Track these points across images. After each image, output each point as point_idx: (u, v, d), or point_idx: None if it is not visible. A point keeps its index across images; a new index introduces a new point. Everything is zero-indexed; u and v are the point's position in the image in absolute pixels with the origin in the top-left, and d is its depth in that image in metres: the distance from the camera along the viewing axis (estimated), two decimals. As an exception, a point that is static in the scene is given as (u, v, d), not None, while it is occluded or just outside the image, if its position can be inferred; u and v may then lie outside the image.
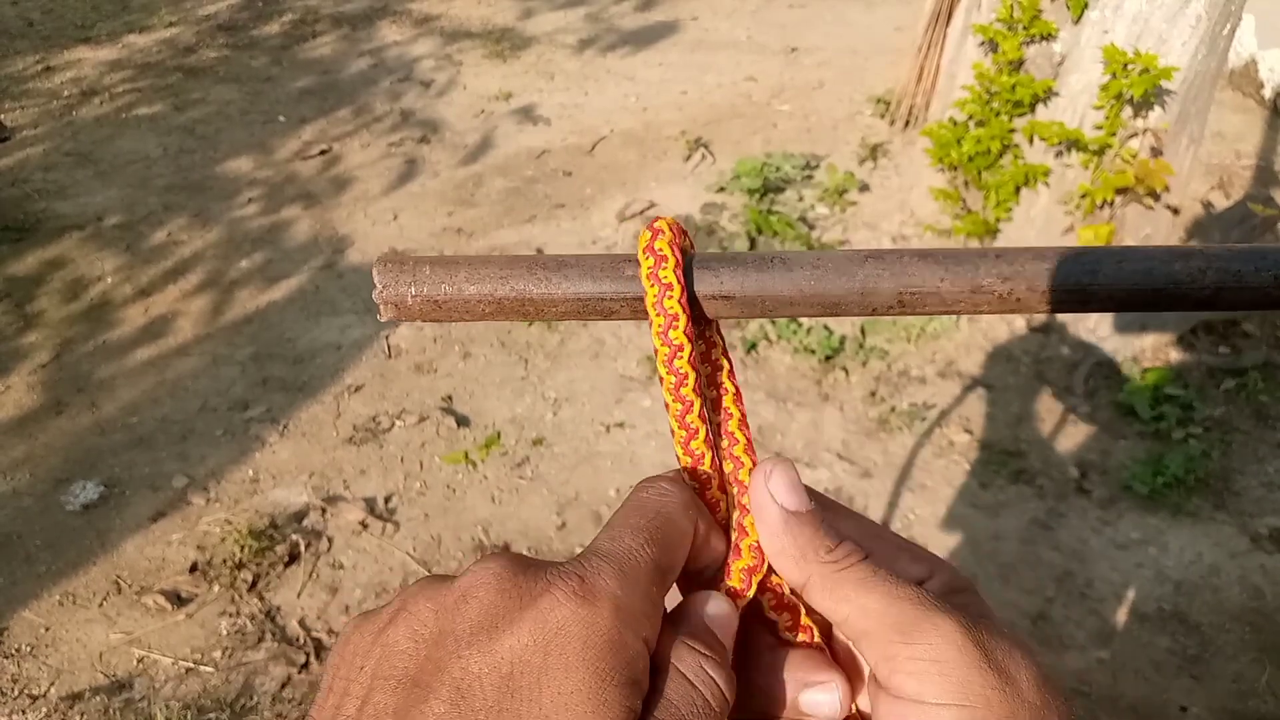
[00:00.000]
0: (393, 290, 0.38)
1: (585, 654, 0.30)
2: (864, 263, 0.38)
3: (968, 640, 0.32)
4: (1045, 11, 3.14)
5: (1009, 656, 0.33)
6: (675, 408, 0.39)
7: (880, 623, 0.34)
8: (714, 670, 0.34)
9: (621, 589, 0.32)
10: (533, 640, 0.30)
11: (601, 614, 0.31)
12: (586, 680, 0.30)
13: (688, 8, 6.04)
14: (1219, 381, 2.92)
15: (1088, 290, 0.38)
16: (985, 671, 0.32)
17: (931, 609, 0.33)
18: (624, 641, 0.31)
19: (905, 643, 0.33)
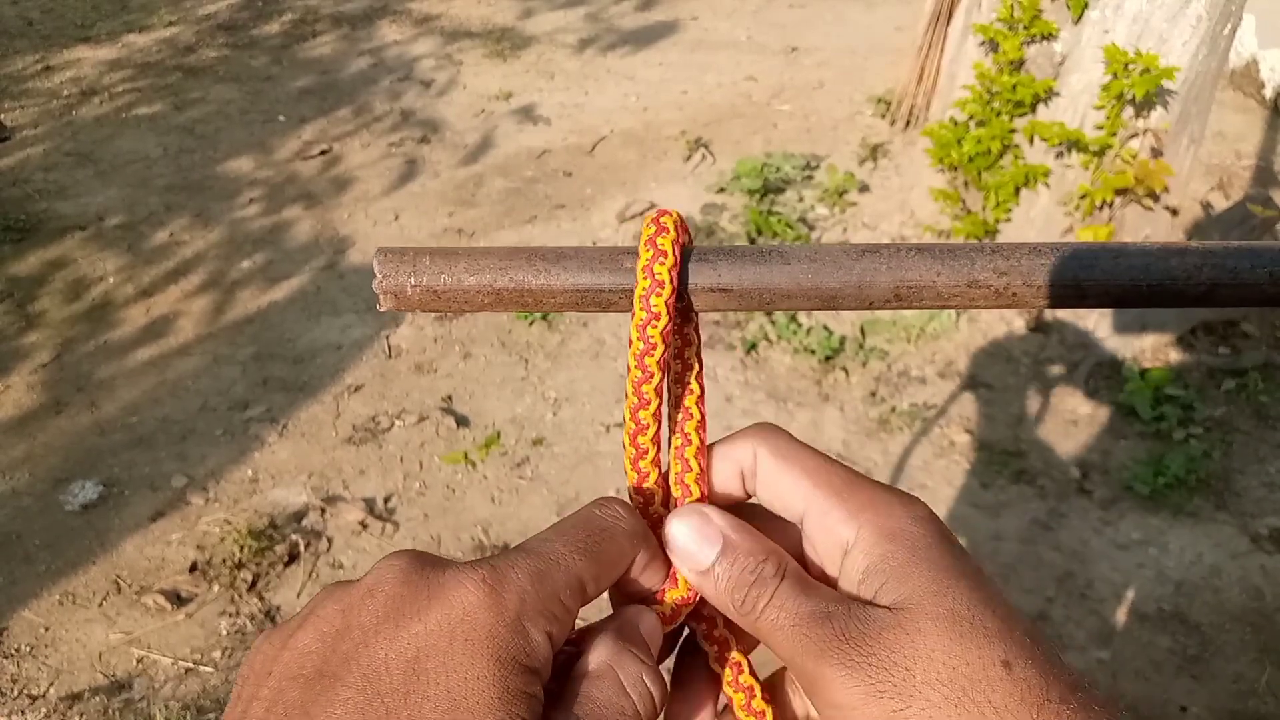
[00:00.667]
0: (392, 280, 0.38)
1: (490, 640, 0.31)
2: (861, 256, 0.38)
3: (853, 680, 0.33)
4: (1046, 11, 3.14)
5: (906, 662, 0.33)
6: (632, 400, 0.39)
7: (795, 672, 0.36)
8: (650, 678, 0.36)
9: (531, 585, 0.34)
10: (439, 627, 0.32)
11: (506, 602, 0.33)
12: (490, 665, 0.31)
13: (688, 8, 6.05)
14: (1219, 382, 2.92)
15: (1083, 285, 0.38)
16: (880, 699, 0.33)
17: (819, 656, 0.34)
18: (526, 631, 0.33)
19: (812, 693, 0.35)
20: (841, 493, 0.38)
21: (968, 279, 0.38)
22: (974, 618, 0.34)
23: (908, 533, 0.36)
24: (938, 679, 0.33)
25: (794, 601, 0.36)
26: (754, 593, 0.37)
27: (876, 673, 0.33)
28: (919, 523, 0.37)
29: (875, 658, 0.33)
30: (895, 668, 0.33)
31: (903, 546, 0.36)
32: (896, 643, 0.34)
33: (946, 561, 0.36)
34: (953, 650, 0.33)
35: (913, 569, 0.35)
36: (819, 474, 0.39)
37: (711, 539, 0.39)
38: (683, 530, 0.39)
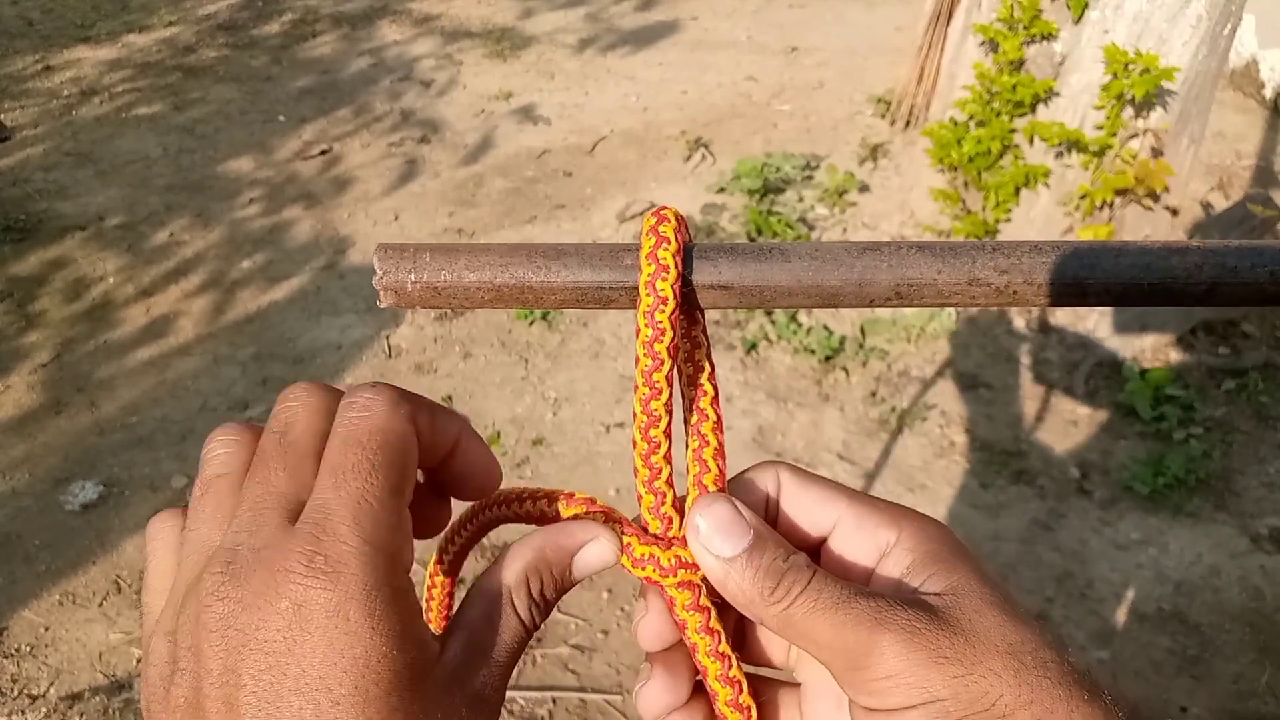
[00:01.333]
0: (393, 276, 0.38)
1: (337, 624, 0.31)
2: (861, 254, 0.38)
3: (914, 646, 0.34)
4: (1046, 11, 3.14)
5: (966, 633, 0.34)
6: (643, 390, 0.39)
7: (832, 653, 0.36)
8: (519, 602, 0.37)
9: (361, 539, 0.33)
10: (286, 627, 0.31)
11: (349, 583, 0.31)
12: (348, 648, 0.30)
13: (688, 8, 6.05)
14: (1219, 382, 2.92)
15: (1084, 284, 0.38)
16: (941, 664, 0.34)
17: (874, 627, 0.35)
18: (382, 582, 0.32)
19: (857, 668, 0.35)
20: (874, 504, 0.40)
21: (968, 277, 0.38)
22: (1017, 606, 0.36)
23: (941, 539, 0.38)
24: (998, 649, 0.34)
25: (833, 585, 0.36)
26: (788, 579, 0.37)
27: (937, 640, 0.34)
28: (947, 533, 0.39)
29: (933, 624, 0.34)
30: (954, 636, 0.34)
31: (942, 545, 0.38)
32: (951, 616, 0.35)
33: (974, 566, 0.38)
34: (1009, 625, 0.35)
35: (958, 563, 0.37)
36: (846, 491, 0.41)
37: (742, 528, 0.38)
38: (714, 515, 0.38)
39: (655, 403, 0.39)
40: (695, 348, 0.41)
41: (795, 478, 0.41)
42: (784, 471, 0.41)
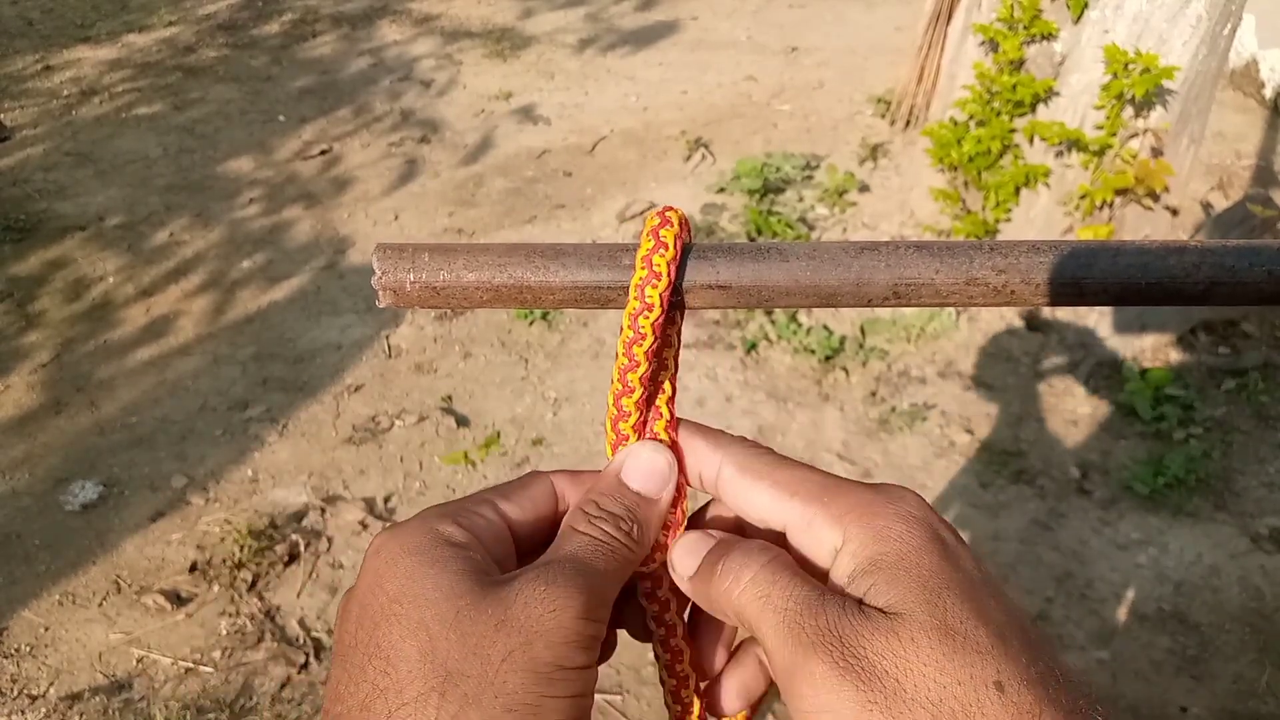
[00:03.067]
0: (392, 276, 0.38)
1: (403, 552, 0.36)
2: (859, 254, 0.38)
3: (842, 685, 0.32)
4: (1046, 11, 3.14)
5: (895, 677, 0.32)
6: (616, 386, 0.41)
7: (772, 658, 0.35)
8: (604, 523, 0.39)
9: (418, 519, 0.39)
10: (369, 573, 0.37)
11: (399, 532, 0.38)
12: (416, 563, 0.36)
13: (688, 8, 6.05)
14: (1219, 382, 2.92)
15: (1082, 284, 0.38)
16: (868, 711, 0.32)
17: (809, 652, 0.33)
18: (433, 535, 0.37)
19: (790, 686, 0.34)
20: (822, 498, 0.37)
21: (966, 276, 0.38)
22: (966, 632, 0.33)
23: (896, 533, 0.35)
24: (928, 698, 0.32)
25: (788, 580, 0.36)
26: (743, 568, 0.37)
27: (868, 680, 0.32)
28: (909, 521, 0.36)
29: (867, 662, 0.32)
30: (886, 678, 0.32)
31: (892, 548, 0.35)
32: (889, 649, 0.33)
33: (938, 565, 0.35)
34: (944, 666, 0.32)
35: (903, 573, 0.34)
36: (794, 484, 0.38)
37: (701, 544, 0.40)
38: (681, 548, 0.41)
39: (626, 400, 0.40)
40: (665, 346, 0.42)
41: (739, 472, 0.40)
42: (727, 463, 0.41)
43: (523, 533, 0.41)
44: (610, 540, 0.38)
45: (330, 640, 2.16)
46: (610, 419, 0.42)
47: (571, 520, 0.39)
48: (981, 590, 0.35)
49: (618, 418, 0.41)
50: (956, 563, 0.35)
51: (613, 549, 0.38)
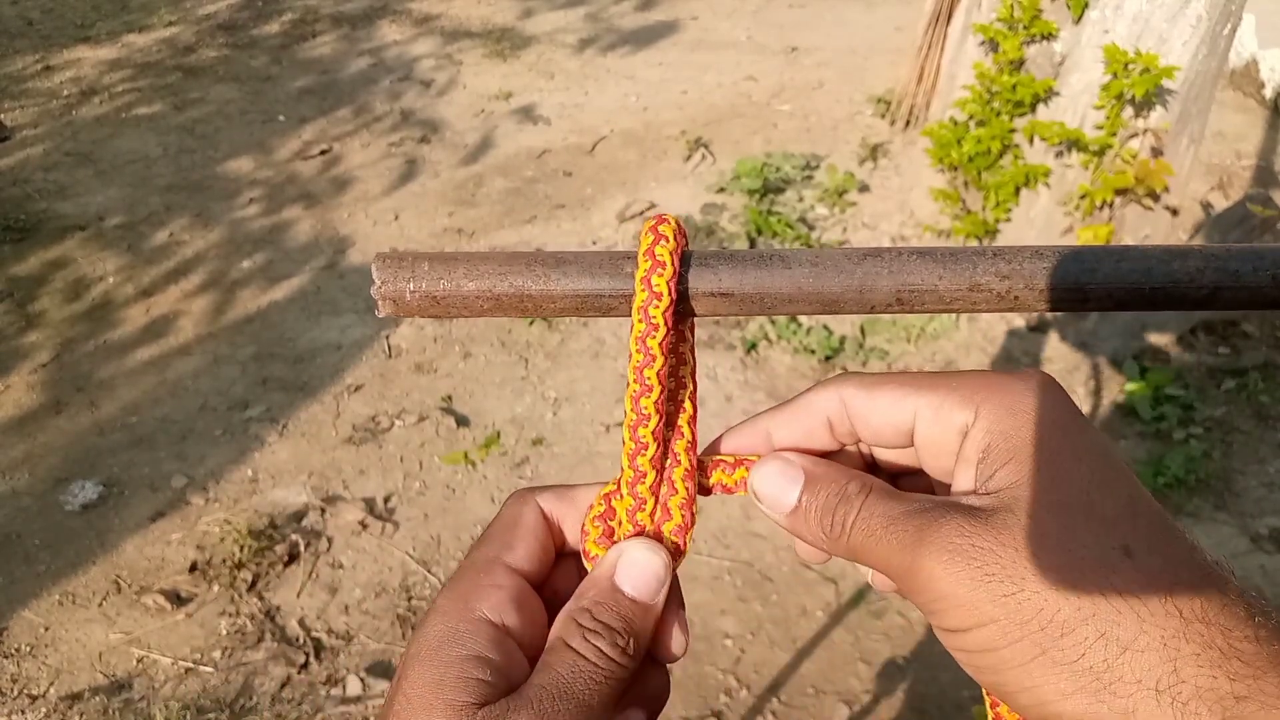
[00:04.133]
0: (391, 286, 0.38)
1: (416, 659, 0.36)
2: (862, 260, 0.38)
3: (956, 566, 0.32)
4: (1046, 11, 3.14)
5: (1015, 544, 0.32)
6: (631, 416, 0.39)
7: (894, 576, 0.35)
8: (598, 639, 0.36)
9: (443, 598, 0.38)
10: (396, 675, 0.37)
11: (423, 627, 0.37)
12: (421, 674, 0.35)
13: (688, 8, 6.04)
14: (1219, 382, 2.92)
15: (1086, 289, 0.38)
16: (988, 583, 0.32)
17: (916, 548, 0.33)
18: (447, 632, 0.36)
19: (914, 591, 0.34)
20: (951, 383, 0.37)
21: (969, 282, 0.38)
22: (1092, 503, 0.33)
23: (1028, 408, 0.35)
24: (1051, 560, 0.31)
25: (883, 506, 0.35)
26: (840, 512, 0.36)
27: (983, 555, 0.32)
28: (1040, 396, 0.36)
29: (981, 540, 0.32)
30: (1004, 549, 0.32)
31: (1024, 422, 0.35)
32: (1005, 526, 0.32)
33: (1070, 440, 0.34)
34: (1066, 535, 0.32)
35: (1033, 448, 0.34)
36: (921, 380, 0.38)
37: (793, 477, 0.38)
38: (764, 477, 0.39)
39: (645, 400, 0.39)
40: (680, 364, 0.41)
41: (860, 389, 0.39)
42: (846, 388, 0.39)
43: (537, 580, 0.40)
44: (604, 663, 0.36)
45: (330, 640, 2.16)
46: (627, 453, 0.39)
47: (563, 632, 0.37)
48: (1109, 465, 0.34)
49: (635, 451, 0.39)
50: (1088, 435, 0.35)
51: (607, 674, 0.36)
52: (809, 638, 2.16)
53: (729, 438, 0.43)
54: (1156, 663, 0.30)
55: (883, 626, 2.19)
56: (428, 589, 2.28)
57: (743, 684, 2.07)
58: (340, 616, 2.21)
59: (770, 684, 2.07)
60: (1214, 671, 0.30)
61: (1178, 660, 0.30)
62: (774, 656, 2.12)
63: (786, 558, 2.35)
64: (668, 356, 0.38)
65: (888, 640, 2.16)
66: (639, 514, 0.40)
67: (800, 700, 2.04)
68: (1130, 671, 0.30)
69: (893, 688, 2.06)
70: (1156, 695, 0.30)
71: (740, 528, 2.43)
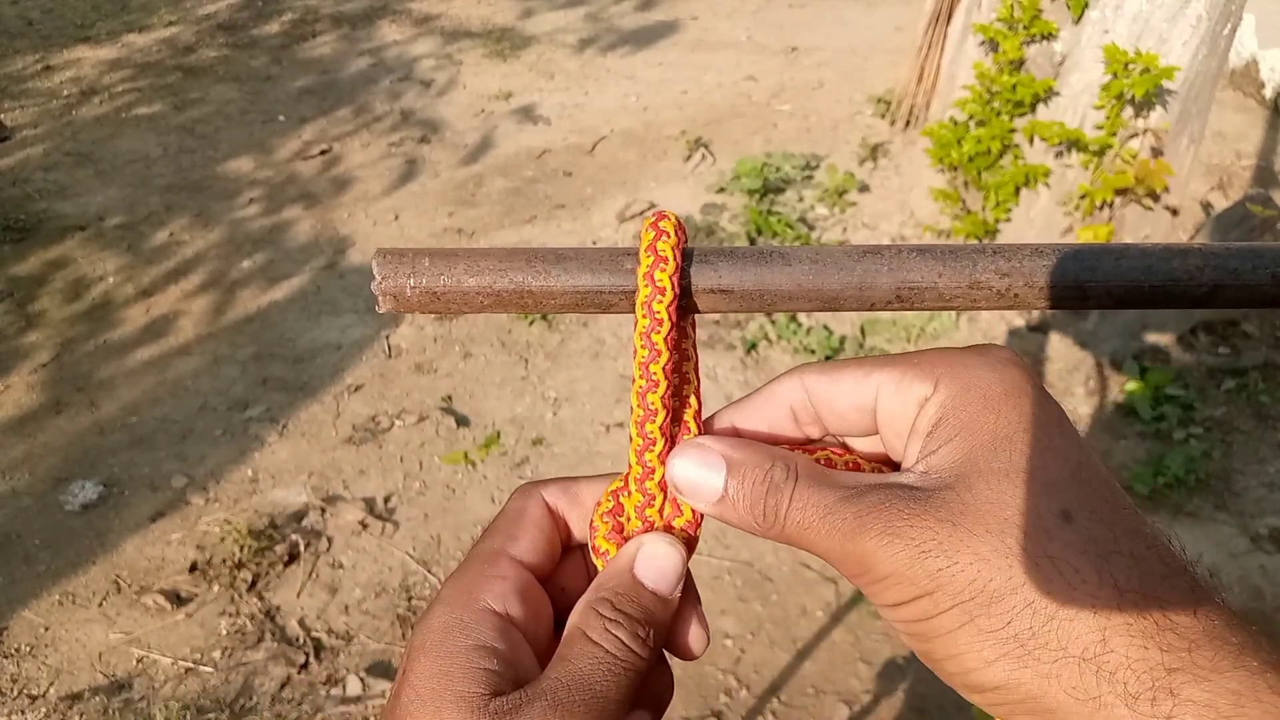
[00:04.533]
0: (392, 282, 0.38)
1: (422, 650, 0.36)
2: (862, 258, 0.38)
3: (895, 547, 0.32)
4: (1046, 11, 3.14)
5: (951, 519, 0.32)
6: (638, 412, 0.39)
7: (836, 561, 0.35)
8: (619, 629, 0.36)
9: (447, 589, 0.38)
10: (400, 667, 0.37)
11: (428, 618, 0.37)
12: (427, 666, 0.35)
13: (688, 8, 6.04)
14: (1219, 381, 2.92)
15: (1086, 287, 0.38)
16: (925, 559, 0.32)
17: (856, 533, 0.33)
18: (451, 623, 0.36)
19: (857, 575, 0.34)
20: (913, 360, 0.37)
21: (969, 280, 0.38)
22: (1033, 469, 0.32)
23: (983, 382, 0.35)
24: (986, 530, 0.31)
25: (816, 495, 0.35)
26: (770, 501, 0.36)
27: (919, 533, 0.32)
28: (997, 369, 0.35)
29: (918, 518, 0.32)
30: (940, 524, 0.32)
31: (976, 396, 0.35)
32: (943, 502, 0.32)
33: (1020, 410, 0.34)
34: (1003, 502, 0.32)
35: (982, 419, 0.34)
36: (882, 360, 0.38)
37: (714, 464, 0.38)
38: (683, 467, 0.38)
39: (652, 395, 0.39)
40: (683, 359, 0.41)
41: (822, 374, 0.39)
42: (809, 375, 0.39)
43: (542, 574, 0.40)
44: (624, 655, 0.36)
45: (330, 640, 2.16)
46: (635, 450, 0.39)
47: (582, 622, 0.37)
48: (1058, 433, 0.34)
49: (644, 447, 0.39)
50: (1038, 408, 0.35)
51: (627, 665, 0.36)
52: (809, 638, 2.16)
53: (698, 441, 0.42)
54: (1084, 631, 0.30)
55: (883, 626, 2.19)
56: (428, 589, 2.28)
57: (743, 684, 2.07)
58: (340, 616, 2.21)
59: (770, 684, 2.07)
60: (1145, 642, 0.29)
61: (1107, 629, 0.30)
62: (774, 656, 2.12)
63: (786, 558, 2.35)
64: (672, 351, 0.38)
65: (888, 640, 2.16)
66: (648, 510, 0.40)
67: (800, 700, 2.04)
68: (1056, 639, 0.30)
69: (893, 688, 2.06)
70: (1080, 663, 0.30)
71: (740, 528, 2.42)
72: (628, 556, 0.39)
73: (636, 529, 0.40)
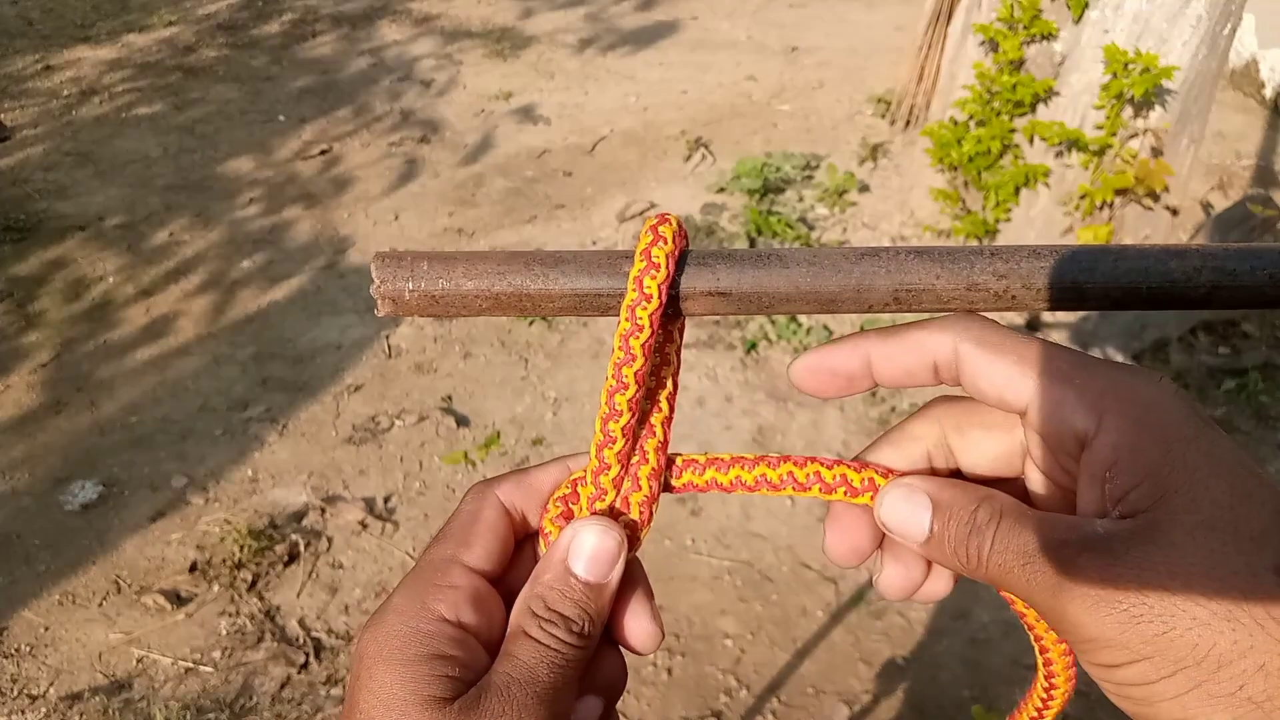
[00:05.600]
0: (390, 285, 0.38)
1: (379, 659, 0.36)
2: (860, 260, 0.38)
3: (1102, 612, 0.31)
4: (1045, 11, 3.14)
5: (1163, 580, 0.31)
6: (604, 410, 0.39)
7: (1038, 609, 0.34)
8: (553, 627, 0.37)
9: (399, 598, 0.38)
10: (353, 676, 0.37)
11: (381, 628, 0.37)
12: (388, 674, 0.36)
13: (688, 7, 6.05)
14: (1219, 382, 2.92)
15: (1083, 288, 0.38)
16: (1138, 625, 0.31)
17: (1058, 591, 0.32)
18: (408, 633, 0.37)
19: (1060, 631, 0.33)
20: (1073, 378, 0.35)
21: (967, 282, 0.38)
22: (1237, 521, 0.31)
23: (1156, 420, 0.33)
24: (1201, 593, 0.30)
25: (1017, 540, 0.34)
26: (973, 544, 0.35)
27: (1128, 597, 0.30)
28: (1168, 405, 0.33)
29: (1123, 580, 0.31)
30: (1149, 588, 0.30)
31: (1153, 438, 0.33)
32: (1147, 561, 0.31)
33: (1203, 451, 0.32)
34: (1214, 561, 0.30)
35: (1166, 465, 0.32)
36: (1042, 361, 0.36)
37: (920, 504, 0.37)
38: (891, 507, 0.38)
39: (619, 397, 0.39)
40: (664, 364, 0.41)
41: (978, 348, 0.37)
42: (964, 340, 0.37)
43: (494, 576, 0.40)
44: (563, 649, 0.37)
45: (330, 640, 2.16)
46: (595, 444, 0.40)
47: (521, 620, 0.38)
48: (1250, 477, 0.32)
49: (603, 444, 0.40)
50: (1222, 444, 0.33)
51: (566, 658, 0.37)
52: (809, 638, 2.17)
53: (825, 350, 0.41)
54: None
55: (883, 626, 2.19)
56: (428, 589, 2.28)
57: (743, 684, 2.07)
58: (340, 616, 2.21)
59: (770, 684, 2.07)
60: None
61: None
62: (774, 656, 2.12)
63: (786, 558, 2.35)
64: (649, 357, 0.38)
65: (888, 640, 2.16)
66: (598, 503, 0.41)
67: (800, 700, 2.04)
68: None
69: (893, 688, 2.06)
70: None
71: (740, 528, 2.43)
72: (562, 547, 0.40)
73: None
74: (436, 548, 0.40)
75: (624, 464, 0.40)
